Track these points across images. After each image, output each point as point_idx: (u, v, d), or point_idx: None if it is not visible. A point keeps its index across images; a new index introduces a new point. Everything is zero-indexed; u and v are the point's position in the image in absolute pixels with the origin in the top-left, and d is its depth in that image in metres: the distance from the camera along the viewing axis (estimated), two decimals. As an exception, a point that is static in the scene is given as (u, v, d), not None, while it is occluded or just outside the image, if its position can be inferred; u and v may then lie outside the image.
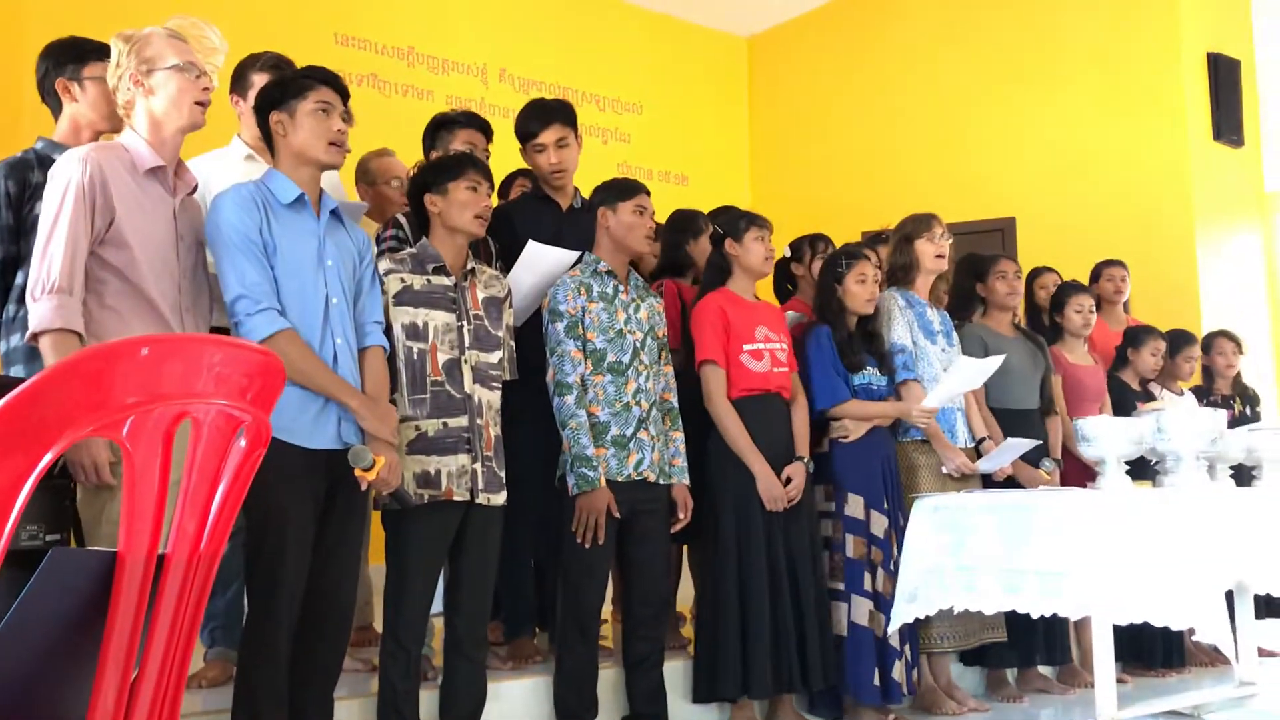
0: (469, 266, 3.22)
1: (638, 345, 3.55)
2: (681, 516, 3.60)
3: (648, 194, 3.66)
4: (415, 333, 3.08)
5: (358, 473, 2.65)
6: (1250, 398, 5.99)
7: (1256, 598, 4.12)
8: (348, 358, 2.79)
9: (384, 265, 3.10)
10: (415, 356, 3.07)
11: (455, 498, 3.04)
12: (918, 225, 4.39)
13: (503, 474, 3.17)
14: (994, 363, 4.13)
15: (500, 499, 3.16)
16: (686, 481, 3.63)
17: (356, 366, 2.83)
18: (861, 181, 7.78)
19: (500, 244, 3.74)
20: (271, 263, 2.70)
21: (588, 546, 3.38)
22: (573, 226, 3.81)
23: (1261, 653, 4.68)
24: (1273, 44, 7.43)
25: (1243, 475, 4.03)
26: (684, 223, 4.32)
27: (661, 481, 3.56)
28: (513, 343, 3.33)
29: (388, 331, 3.02)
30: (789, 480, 3.76)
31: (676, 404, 3.69)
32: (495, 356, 3.20)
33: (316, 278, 2.76)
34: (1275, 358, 7.33)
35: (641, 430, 3.50)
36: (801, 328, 4.19)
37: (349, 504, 2.80)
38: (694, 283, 4.27)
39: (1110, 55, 7.10)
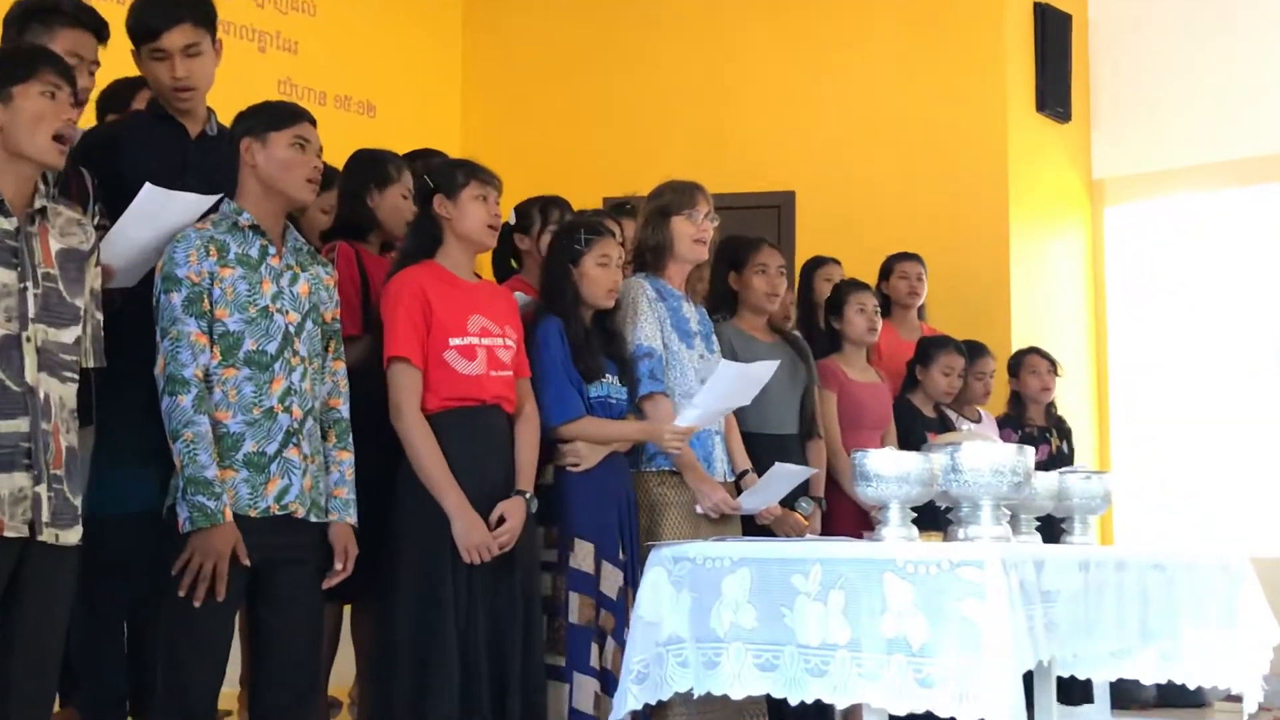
0: (38, 205, 3.03)
1: (291, 330, 3.46)
2: (339, 567, 3.52)
3: (312, 123, 3.58)
4: (-45, 296, 2.89)
5: None
6: (1065, 431, 6.33)
7: (1060, 681, 4.32)
8: None
9: (-93, 200, 2.89)
10: (-47, 331, 2.88)
11: (8, 533, 2.87)
12: (678, 198, 4.43)
13: (78, 501, 3.02)
14: (766, 369, 4.20)
15: (74, 535, 3.01)
16: (351, 520, 3.55)
17: None
18: (607, 134, 7.82)
19: (102, 178, 3.58)
20: None
21: (197, 605, 3.25)
22: (203, 161, 3.69)
23: (1063, 745, 4.94)
24: (1109, -1, 7.90)
25: (1051, 528, 4.21)
26: (367, 167, 4.26)
27: (314, 519, 3.48)
28: (99, 315, 3.17)
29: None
30: (501, 521, 3.73)
31: (348, 414, 3.62)
32: (71, 334, 3.04)
33: None
34: (1093, 380, 7.78)
35: (290, 448, 3.42)
36: (527, 320, 4.16)
37: None
38: (382, 250, 4.23)
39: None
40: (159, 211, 3.41)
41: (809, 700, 3.16)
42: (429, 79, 8.15)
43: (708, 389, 4.12)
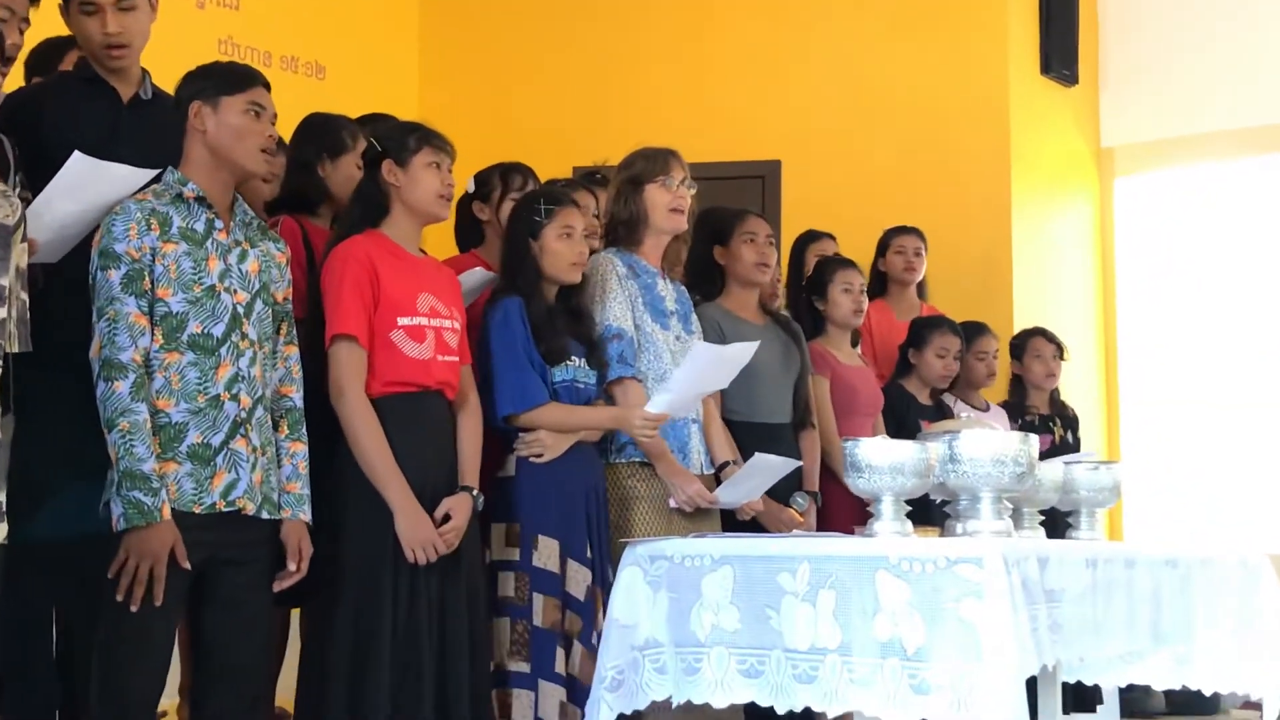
0: (-44, 176, 3.03)
1: (240, 310, 3.46)
2: (293, 567, 3.52)
3: (267, 88, 3.58)
4: None
5: None
6: (1070, 420, 6.36)
7: (1065, 687, 4.34)
8: None
9: None
10: None
11: (-74, 530, 2.88)
12: (650, 165, 4.44)
13: (2, 495, 3.01)
14: (745, 351, 4.20)
15: (-1, 533, 2.99)
16: (305, 517, 3.56)
17: None
18: (576, 99, 7.79)
19: (24, 146, 3.56)
20: None
21: (134, 609, 3.24)
22: (137, 127, 3.68)
23: (1067, 757, 4.96)
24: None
25: (1056, 522, 4.23)
26: (319, 134, 4.26)
27: (266, 515, 3.47)
28: (25, 296, 3.14)
29: None
30: (446, 519, 3.74)
31: (301, 403, 3.63)
32: (-6, 316, 3.01)
33: None
34: (1101, 364, 7.79)
35: (238, 439, 3.41)
36: (484, 298, 4.17)
37: None
38: (333, 224, 4.21)
39: (912, -50, 7.39)
40: (88, 183, 3.38)
41: (797, 709, 3.17)
42: (383, 38, 8.09)
43: (682, 372, 4.11)
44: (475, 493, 3.85)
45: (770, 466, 4.29)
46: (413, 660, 3.68)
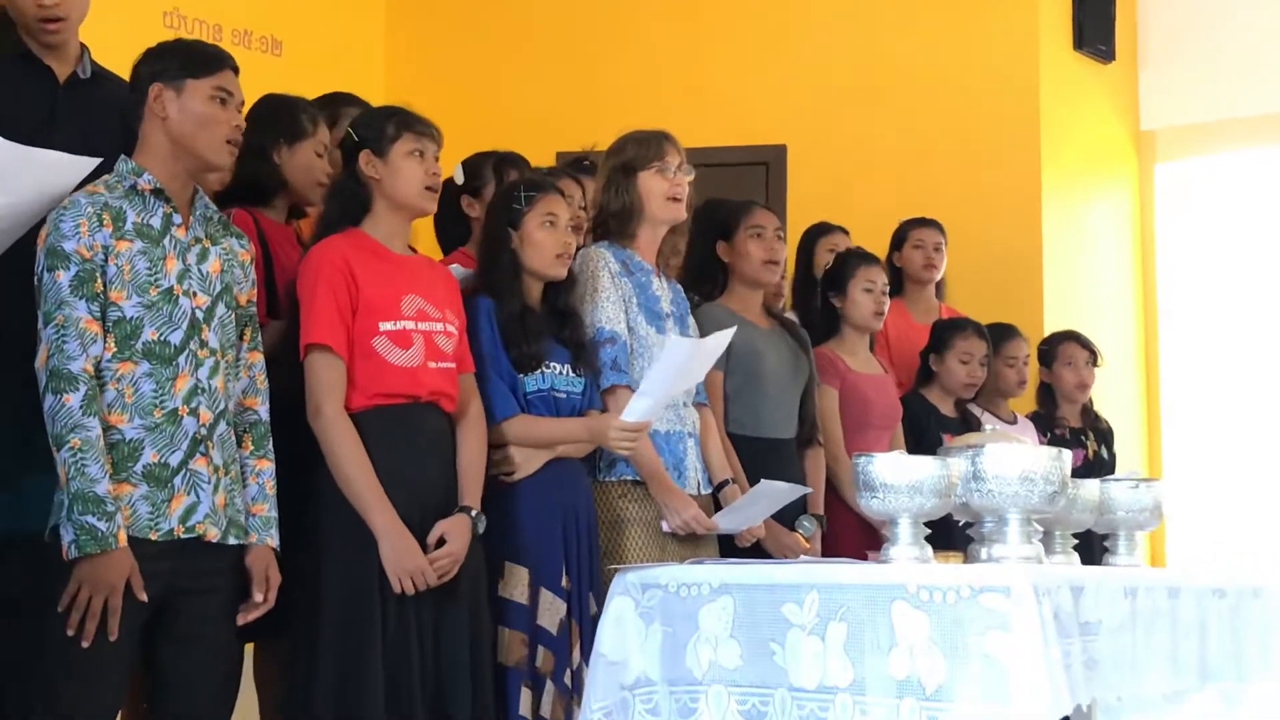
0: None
1: (200, 315, 3.45)
2: (259, 598, 3.52)
3: (235, 71, 3.58)
4: None
5: None
6: (1104, 433, 6.35)
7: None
8: None
9: None
10: None
11: None
12: (643, 151, 4.45)
13: None
14: (721, 341, 4.19)
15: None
16: (273, 542, 3.56)
17: None
18: (560, 77, 7.79)
19: None
20: None
21: (86, 645, 3.22)
22: (75, 109, 3.69)
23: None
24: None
25: (1092, 547, 4.23)
26: (275, 117, 4.24)
27: (231, 540, 3.47)
28: None
29: None
30: (442, 543, 3.74)
31: (267, 416, 3.64)
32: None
33: None
34: (1141, 371, 7.79)
35: (198, 458, 3.40)
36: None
37: None
38: (290, 218, 4.25)
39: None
40: (16, 172, 3.36)
41: (804, 754, 3.18)
42: (346, 9, 8.09)
43: (657, 372, 4.07)
44: (475, 513, 3.84)
45: (775, 493, 4.28)
46: (404, 706, 3.67)
